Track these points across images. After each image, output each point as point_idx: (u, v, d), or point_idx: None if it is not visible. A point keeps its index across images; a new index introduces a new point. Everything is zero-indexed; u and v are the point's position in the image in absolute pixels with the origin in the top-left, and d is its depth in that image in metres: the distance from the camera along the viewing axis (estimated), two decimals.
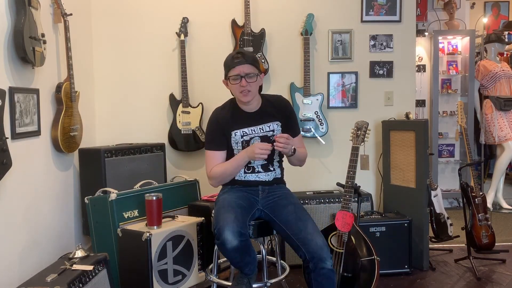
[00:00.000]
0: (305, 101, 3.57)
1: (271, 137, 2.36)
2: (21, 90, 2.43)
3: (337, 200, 3.24)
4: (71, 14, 2.90)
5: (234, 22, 3.57)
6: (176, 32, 3.57)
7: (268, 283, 2.34)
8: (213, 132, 2.38)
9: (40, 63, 2.55)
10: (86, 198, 2.80)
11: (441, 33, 5.02)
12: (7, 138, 2.12)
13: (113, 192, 2.72)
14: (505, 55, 5.62)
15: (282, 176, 2.50)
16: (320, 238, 2.16)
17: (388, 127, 3.47)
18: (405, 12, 3.68)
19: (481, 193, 3.24)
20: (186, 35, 3.58)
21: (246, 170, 2.38)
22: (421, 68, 4.99)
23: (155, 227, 2.62)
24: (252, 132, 2.35)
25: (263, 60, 3.56)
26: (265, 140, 2.35)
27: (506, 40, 5.41)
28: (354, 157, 2.62)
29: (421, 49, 5.00)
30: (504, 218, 4.54)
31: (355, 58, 3.69)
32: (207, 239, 2.81)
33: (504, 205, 4.86)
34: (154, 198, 2.63)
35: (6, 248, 2.30)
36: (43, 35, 2.53)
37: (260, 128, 2.37)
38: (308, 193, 3.37)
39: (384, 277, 3.00)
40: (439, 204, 3.40)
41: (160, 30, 3.61)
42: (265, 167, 2.40)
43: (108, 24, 3.61)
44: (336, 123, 3.70)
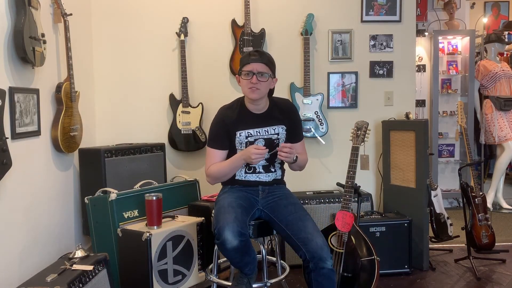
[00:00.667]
0: (305, 101, 3.57)
1: (275, 141, 2.37)
2: (21, 90, 2.43)
3: (337, 200, 3.25)
4: (71, 14, 2.90)
5: (234, 22, 3.57)
6: (176, 32, 3.58)
7: (268, 283, 2.34)
8: (217, 131, 2.38)
9: (40, 63, 2.55)
10: (86, 198, 2.80)
11: (441, 33, 5.02)
12: (7, 138, 2.12)
13: (113, 192, 2.72)
14: (505, 55, 5.62)
15: (283, 177, 2.50)
16: (320, 238, 2.16)
17: (388, 127, 3.47)
18: (405, 12, 3.68)
19: (481, 193, 3.24)
20: (186, 35, 3.58)
21: (247, 170, 2.38)
22: (421, 68, 4.99)
23: (155, 227, 2.62)
24: (257, 134, 2.35)
25: None
26: (269, 143, 2.35)
27: (506, 40, 5.41)
28: (354, 157, 2.62)
29: (421, 49, 5.00)
30: (504, 218, 4.54)
31: (355, 58, 3.69)
32: (207, 239, 2.81)
33: (504, 205, 4.86)
34: (154, 198, 2.63)
35: (6, 248, 2.30)
36: (43, 35, 2.53)
37: (266, 130, 2.37)
38: (308, 193, 3.37)
39: (384, 277, 3.00)
40: (439, 204, 3.40)
41: (160, 30, 3.61)
42: (266, 168, 2.40)
43: (108, 24, 3.61)
44: (336, 123, 3.70)
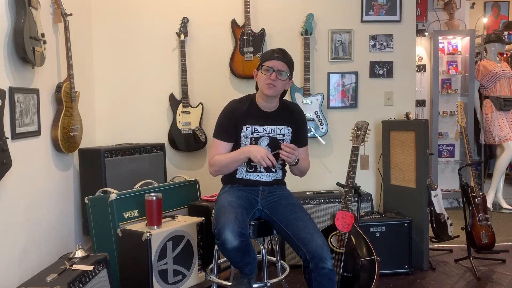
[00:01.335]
0: (305, 101, 3.57)
1: (280, 141, 2.37)
2: (21, 90, 2.42)
3: (337, 200, 3.25)
4: (71, 14, 2.90)
5: (234, 22, 3.57)
6: (176, 32, 3.57)
7: (268, 283, 2.34)
8: (225, 122, 2.39)
9: (40, 63, 2.55)
10: (86, 198, 2.80)
11: (441, 33, 5.02)
12: (7, 138, 2.12)
13: (113, 192, 2.72)
14: (505, 55, 5.62)
15: (283, 178, 2.51)
16: (320, 238, 2.16)
17: (388, 127, 3.47)
18: (405, 12, 3.68)
19: (481, 193, 3.25)
20: (186, 35, 3.58)
21: (249, 169, 2.39)
22: (421, 68, 4.99)
23: (155, 227, 2.62)
24: (264, 131, 2.37)
25: None
26: (274, 142, 2.37)
27: (506, 40, 5.41)
28: (354, 157, 2.62)
29: (421, 49, 5.00)
30: (504, 218, 4.54)
31: (355, 58, 3.69)
32: (207, 239, 2.81)
33: (504, 205, 4.86)
34: (154, 198, 2.63)
35: (6, 248, 2.30)
36: (43, 35, 2.53)
37: (272, 129, 2.38)
38: (308, 193, 3.37)
39: (384, 277, 3.00)
40: (439, 204, 3.40)
41: (160, 30, 3.61)
42: (268, 168, 2.40)
43: (108, 24, 3.60)
44: (336, 123, 3.70)
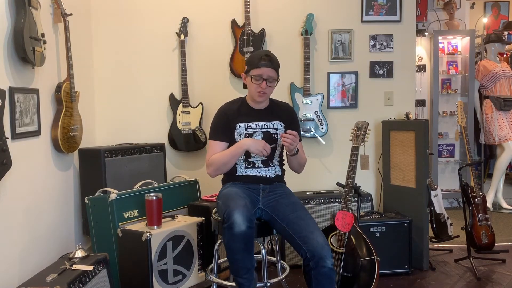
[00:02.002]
0: (305, 101, 3.57)
1: (274, 135, 2.42)
2: (21, 90, 2.42)
3: (337, 200, 3.25)
4: (71, 14, 2.90)
5: (234, 22, 3.57)
6: (176, 32, 3.57)
7: (268, 283, 2.33)
8: (219, 123, 2.44)
9: (40, 63, 2.55)
10: (86, 198, 2.80)
11: (441, 33, 5.02)
12: (7, 138, 2.12)
13: (113, 192, 2.72)
14: (505, 55, 5.62)
15: (283, 175, 2.53)
16: (321, 237, 2.17)
17: (388, 127, 3.47)
18: (405, 12, 3.68)
19: (481, 193, 3.25)
20: (186, 35, 3.58)
21: (247, 165, 2.42)
22: (421, 68, 4.99)
23: (155, 227, 2.62)
24: (256, 127, 2.42)
25: None
26: (268, 136, 2.41)
27: (506, 40, 5.41)
28: (354, 157, 2.62)
29: (421, 49, 5.00)
30: (504, 218, 4.53)
31: (355, 58, 3.69)
32: (207, 239, 2.81)
33: (504, 205, 4.86)
34: (154, 198, 2.63)
35: (6, 248, 2.30)
36: (43, 35, 2.52)
37: (265, 124, 2.43)
38: (308, 193, 3.37)
39: (384, 277, 3.00)
40: (439, 204, 3.41)
41: (160, 30, 3.61)
42: (265, 163, 2.43)
43: (108, 24, 3.60)
44: (336, 123, 3.69)
